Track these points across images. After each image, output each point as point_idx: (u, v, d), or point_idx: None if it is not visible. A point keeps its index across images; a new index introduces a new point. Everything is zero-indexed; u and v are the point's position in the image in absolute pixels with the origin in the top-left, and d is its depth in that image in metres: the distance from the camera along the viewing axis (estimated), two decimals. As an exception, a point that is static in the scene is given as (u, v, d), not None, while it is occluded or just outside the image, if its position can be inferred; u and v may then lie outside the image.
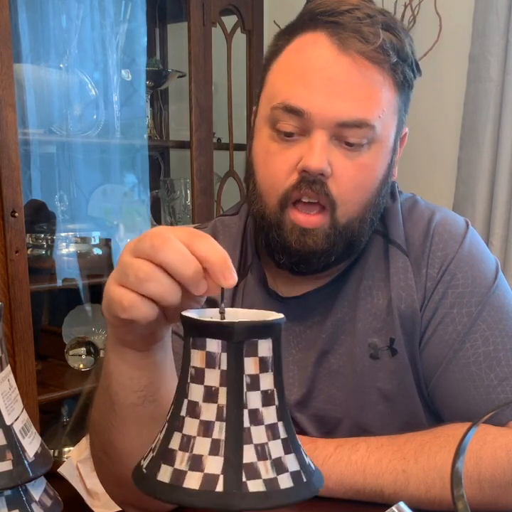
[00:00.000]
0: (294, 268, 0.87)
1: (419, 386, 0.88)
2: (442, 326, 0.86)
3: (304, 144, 0.81)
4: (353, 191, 0.83)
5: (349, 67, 0.79)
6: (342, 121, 0.80)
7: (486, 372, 0.84)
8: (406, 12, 2.14)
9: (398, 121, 0.86)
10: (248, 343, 0.47)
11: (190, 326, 0.48)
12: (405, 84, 0.84)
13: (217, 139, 2.19)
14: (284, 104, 0.81)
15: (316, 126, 0.80)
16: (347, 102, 0.80)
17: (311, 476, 0.49)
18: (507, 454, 0.78)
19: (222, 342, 0.46)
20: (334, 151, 0.81)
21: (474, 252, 0.89)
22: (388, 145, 0.85)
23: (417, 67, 0.86)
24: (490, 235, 2.03)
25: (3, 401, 0.52)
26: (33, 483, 0.54)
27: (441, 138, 2.18)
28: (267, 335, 0.47)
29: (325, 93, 0.79)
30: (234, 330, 0.46)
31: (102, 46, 2.02)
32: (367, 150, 0.82)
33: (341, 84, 0.80)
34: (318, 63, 0.80)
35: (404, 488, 0.78)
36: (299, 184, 0.81)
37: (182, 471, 0.47)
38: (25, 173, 1.79)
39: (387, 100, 0.83)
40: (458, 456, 0.56)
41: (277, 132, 0.82)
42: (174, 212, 2.22)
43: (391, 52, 0.81)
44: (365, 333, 0.88)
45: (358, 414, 0.89)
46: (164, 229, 0.55)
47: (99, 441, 0.76)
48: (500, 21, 1.96)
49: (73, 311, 2.08)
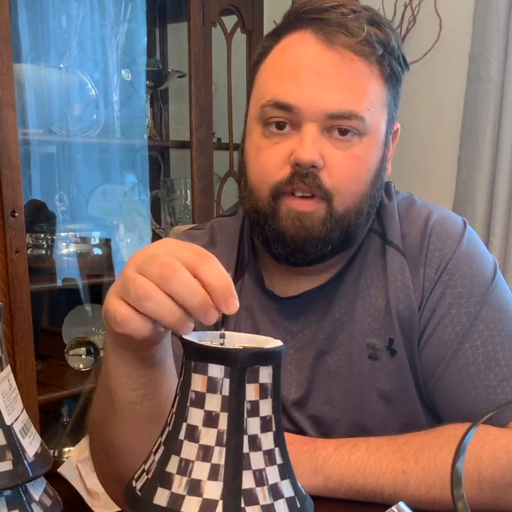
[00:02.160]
0: (291, 259, 0.86)
1: (418, 386, 0.88)
2: (441, 327, 0.86)
3: (295, 138, 0.82)
4: (347, 182, 0.83)
5: (336, 61, 0.81)
6: (331, 113, 0.80)
7: (485, 373, 0.83)
8: (406, 12, 2.14)
9: (388, 115, 0.87)
10: (250, 370, 0.47)
11: (192, 350, 0.49)
12: (393, 77, 0.85)
13: (217, 139, 2.20)
14: (273, 101, 0.82)
15: (306, 120, 0.81)
16: (335, 95, 0.80)
17: (303, 502, 0.49)
18: (507, 455, 0.78)
19: (225, 368, 0.47)
20: (325, 143, 0.82)
21: (472, 252, 0.88)
22: (379, 138, 0.86)
23: (405, 62, 0.87)
24: (490, 235, 2.03)
25: (3, 401, 0.52)
26: (32, 483, 0.54)
27: (441, 138, 2.18)
28: (268, 362, 0.48)
29: (313, 87, 0.80)
30: (238, 357, 0.47)
31: (102, 46, 2.02)
32: (358, 142, 0.83)
33: (329, 78, 0.80)
34: (305, 60, 0.81)
35: (404, 488, 0.78)
36: (291, 178, 0.82)
37: (180, 495, 0.46)
38: (25, 173, 1.79)
39: (376, 93, 0.83)
40: (458, 457, 0.56)
41: (268, 127, 0.83)
42: (174, 212, 2.22)
43: (377, 45, 0.81)
44: (364, 334, 0.88)
45: (357, 415, 0.89)
46: (173, 250, 0.54)
47: (99, 440, 0.76)
48: (500, 21, 1.96)
49: (73, 311, 2.08)
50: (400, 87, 0.88)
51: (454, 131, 2.13)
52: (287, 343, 0.91)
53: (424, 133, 2.19)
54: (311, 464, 0.81)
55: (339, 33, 0.80)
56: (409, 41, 2.16)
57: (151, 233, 2.21)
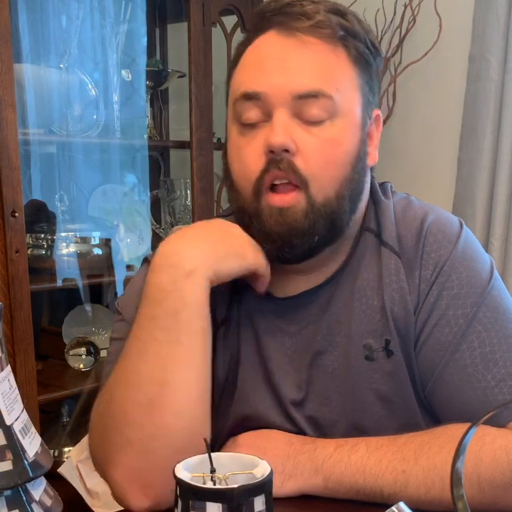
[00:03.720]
0: (280, 255, 0.86)
1: (415, 388, 0.88)
2: (438, 328, 0.85)
3: (268, 128, 0.83)
4: (323, 166, 0.83)
5: (297, 46, 0.83)
6: (298, 94, 0.81)
7: (483, 374, 0.83)
8: (406, 12, 2.14)
9: (363, 98, 0.87)
10: (246, 503, 0.51)
11: (189, 490, 0.52)
12: (361, 60, 0.86)
13: (217, 139, 2.19)
14: (242, 93, 0.84)
15: (275, 106, 0.82)
16: (300, 76, 0.82)
17: None
18: (506, 455, 0.78)
19: (223, 506, 0.50)
20: (297, 129, 0.82)
21: (469, 253, 0.88)
22: (354, 120, 0.85)
23: (374, 47, 0.88)
24: (490, 235, 2.03)
25: (3, 401, 0.52)
26: (32, 483, 0.54)
27: (441, 138, 2.18)
28: (261, 492, 0.53)
29: (278, 73, 0.82)
30: (234, 495, 0.51)
31: (102, 46, 2.02)
32: (330, 125, 0.83)
33: (292, 62, 0.82)
34: (269, 51, 0.84)
35: (404, 488, 0.78)
36: (267, 166, 0.82)
37: None
38: (25, 173, 1.79)
39: (344, 73, 0.84)
40: (458, 457, 0.56)
41: (243, 126, 0.85)
42: (174, 213, 2.22)
43: (336, 27, 0.83)
44: (360, 335, 0.88)
45: (355, 416, 0.89)
46: None
47: (139, 406, 0.78)
48: (500, 21, 1.96)
49: (73, 311, 2.08)
50: (375, 73, 0.89)
51: (454, 131, 2.12)
52: (285, 344, 0.91)
53: (424, 133, 2.19)
54: (311, 464, 0.81)
55: (297, 20, 0.82)
56: (409, 41, 2.16)
57: (151, 233, 2.21)
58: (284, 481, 0.81)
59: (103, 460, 0.83)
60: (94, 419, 0.86)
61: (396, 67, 2.17)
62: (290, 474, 0.81)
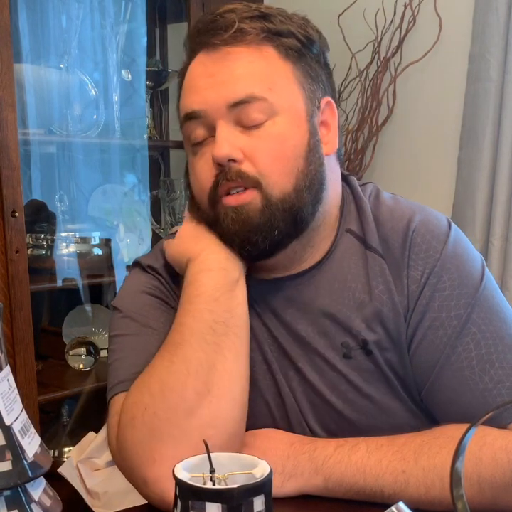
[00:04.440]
0: (243, 252, 0.87)
1: (405, 389, 0.88)
2: (432, 331, 0.85)
3: (213, 142, 0.85)
4: (271, 163, 0.84)
5: (224, 59, 0.85)
6: (231, 103, 0.83)
7: (480, 376, 0.83)
8: (406, 12, 2.14)
9: (304, 90, 0.87)
10: (246, 503, 0.51)
11: (188, 491, 0.52)
12: (293, 54, 0.86)
13: (217, 139, 2.19)
14: (184, 115, 0.88)
15: (215, 120, 0.84)
16: (231, 86, 0.84)
17: None
18: (507, 455, 0.78)
19: (223, 506, 0.51)
20: (240, 136, 0.84)
21: (459, 252, 0.87)
22: (297, 114, 0.86)
23: (307, 37, 0.88)
24: (490, 235, 2.03)
25: (3, 401, 0.52)
26: (32, 483, 0.54)
27: (441, 138, 2.18)
28: (260, 492, 0.53)
29: (210, 89, 0.85)
30: (233, 495, 0.51)
31: (102, 46, 2.02)
32: (272, 124, 0.84)
33: (222, 75, 0.84)
34: (201, 73, 0.87)
35: (403, 488, 0.79)
36: (217, 179, 0.84)
37: None
38: (25, 173, 1.79)
39: (275, 72, 0.85)
40: (457, 457, 0.56)
41: (194, 146, 0.88)
42: (174, 212, 2.22)
43: (258, 31, 0.84)
44: (339, 334, 0.88)
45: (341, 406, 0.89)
46: None
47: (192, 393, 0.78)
48: (500, 21, 1.96)
49: (73, 311, 2.08)
50: (315, 61, 0.89)
51: (454, 131, 2.12)
52: (266, 342, 0.92)
53: (424, 133, 2.19)
54: (311, 464, 0.82)
55: (218, 35, 0.85)
56: (409, 41, 2.16)
57: (151, 233, 2.21)
58: (284, 481, 0.81)
59: (148, 456, 0.77)
60: (132, 415, 0.80)
61: (396, 67, 2.17)
62: (290, 474, 0.81)
